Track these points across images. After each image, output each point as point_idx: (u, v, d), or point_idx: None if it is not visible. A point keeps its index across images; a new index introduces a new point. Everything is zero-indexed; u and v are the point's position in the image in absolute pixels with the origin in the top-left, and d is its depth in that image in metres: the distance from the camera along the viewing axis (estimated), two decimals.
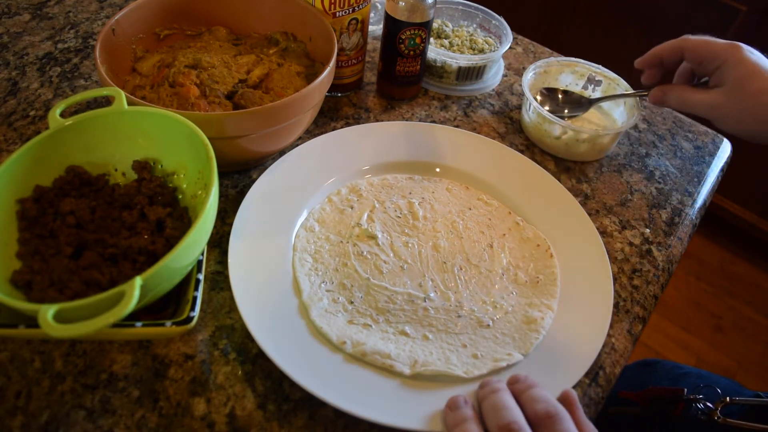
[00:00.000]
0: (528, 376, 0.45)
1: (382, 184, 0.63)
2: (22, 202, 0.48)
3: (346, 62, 0.71)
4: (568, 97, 0.74)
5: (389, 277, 0.54)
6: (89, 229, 0.48)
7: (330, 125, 0.71)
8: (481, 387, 0.45)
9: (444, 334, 0.51)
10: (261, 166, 0.64)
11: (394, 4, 0.67)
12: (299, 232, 0.57)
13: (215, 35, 0.69)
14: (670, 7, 1.49)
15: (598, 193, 0.68)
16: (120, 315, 0.36)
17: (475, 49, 0.78)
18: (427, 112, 0.75)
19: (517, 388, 0.43)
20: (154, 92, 0.59)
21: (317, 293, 0.52)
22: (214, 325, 0.51)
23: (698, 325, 1.64)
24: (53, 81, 0.73)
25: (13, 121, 0.67)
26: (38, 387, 0.46)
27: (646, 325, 0.57)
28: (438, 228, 0.59)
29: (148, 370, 0.48)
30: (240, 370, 0.48)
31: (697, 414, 0.60)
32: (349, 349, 0.48)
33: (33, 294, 0.43)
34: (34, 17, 0.83)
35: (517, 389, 0.43)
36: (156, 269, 0.38)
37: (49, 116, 0.50)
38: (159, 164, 0.53)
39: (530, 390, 0.43)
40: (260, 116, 0.53)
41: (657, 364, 0.76)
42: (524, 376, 0.45)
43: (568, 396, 0.43)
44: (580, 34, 1.68)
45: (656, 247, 0.63)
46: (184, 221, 0.50)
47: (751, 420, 0.59)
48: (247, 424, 0.46)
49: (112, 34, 0.61)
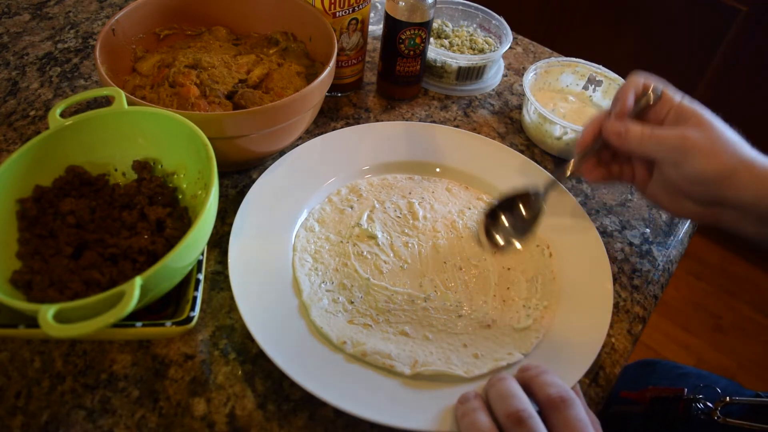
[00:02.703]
0: (539, 365, 0.45)
1: (382, 184, 0.63)
2: (22, 202, 0.48)
3: (346, 62, 0.71)
4: (513, 219, 0.56)
5: (389, 277, 0.54)
6: (89, 229, 0.48)
7: (330, 125, 0.71)
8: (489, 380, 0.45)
9: (444, 334, 0.51)
10: (261, 166, 0.64)
11: (394, 4, 0.67)
12: (299, 232, 0.57)
13: (215, 35, 0.69)
14: (670, 7, 1.49)
15: (598, 193, 0.68)
16: (120, 315, 0.36)
17: (475, 49, 0.78)
18: (427, 112, 0.75)
19: (528, 375, 0.44)
20: (154, 92, 0.59)
21: (317, 293, 0.52)
22: (214, 325, 0.51)
23: (698, 325, 1.64)
24: (53, 81, 0.73)
25: (13, 121, 0.67)
26: (38, 387, 0.46)
27: (646, 325, 0.57)
28: (438, 228, 0.59)
29: (148, 370, 0.48)
30: (240, 370, 0.48)
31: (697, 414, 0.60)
32: (350, 349, 0.48)
33: (33, 294, 0.43)
34: (34, 17, 0.83)
35: (529, 375, 0.43)
36: (156, 269, 0.38)
37: (49, 116, 0.50)
38: (159, 164, 0.53)
39: (543, 375, 0.43)
40: (260, 116, 0.53)
41: (657, 364, 0.76)
42: (535, 364, 0.45)
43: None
44: (580, 34, 1.68)
45: (656, 247, 0.63)
46: (184, 221, 0.50)
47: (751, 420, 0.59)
48: (247, 424, 0.46)
49: (112, 34, 0.61)
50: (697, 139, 0.48)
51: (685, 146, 0.48)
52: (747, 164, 0.47)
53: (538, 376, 0.43)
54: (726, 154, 0.47)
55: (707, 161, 0.47)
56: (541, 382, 0.42)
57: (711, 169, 0.47)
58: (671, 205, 0.54)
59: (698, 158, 0.48)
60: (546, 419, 0.40)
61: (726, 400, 0.59)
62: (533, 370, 0.44)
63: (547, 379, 0.42)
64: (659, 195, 0.54)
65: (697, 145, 0.48)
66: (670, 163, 0.50)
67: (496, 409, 0.41)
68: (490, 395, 0.43)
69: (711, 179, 0.48)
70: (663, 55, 1.57)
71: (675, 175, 0.50)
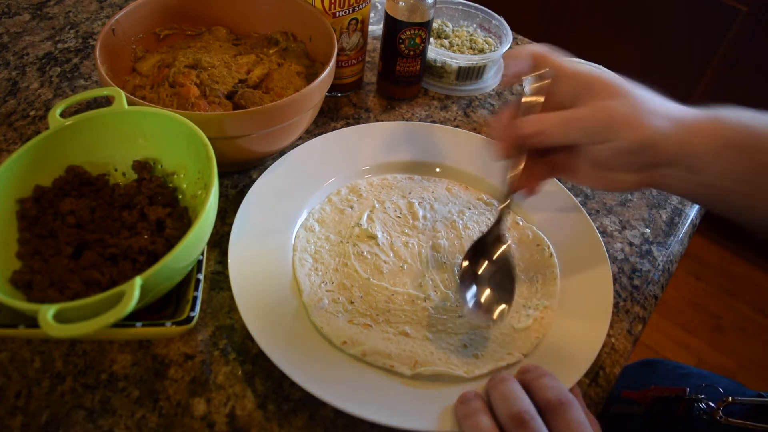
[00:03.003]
0: (538, 366, 0.45)
1: (381, 184, 0.63)
2: (22, 202, 0.48)
3: (346, 62, 0.71)
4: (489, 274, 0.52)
5: (389, 277, 0.54)
6: (89, 229, 0.48)
7: (330, 125, 0.71)
8: (490, 380, 0.45)
9: (444, 334, 0.51)
10: (261, 166, 0.64)
11: (394, 4, 0.67)
12: (299, 232, 0.57)
13: (215, 35, 0.69)
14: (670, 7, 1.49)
15: (598, 193, 0.68)
16: (120, 315, 0.36)
17: (475, 49, 0.78)
18: (427, 112, 0.75)
19: (527, 377, 0.44)
20: (154, 92, 0.59)
21: (317, 293, 0.52)
22: (214, 325, 0.51)
23: (698, 325, 1.64)
24: (53, 81, 0.73)
25: (13, 121, 0.67)
26: (38, 387, 0.46)
27: (646, 325, 0.57)
28: (438, 228, 0.59)
29: (148, 370, 0.48)
30: (240, 370, 0.48)
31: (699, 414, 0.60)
32: (349, 350, 0.48)
33: (33, 294, 0.43)
34: (34, 17, 0.83)
35: (528, 378, 0.43)
36: (156, 269, 0.38)
37: (49, 116, 0.50)
38: (159, 164, 0.53)
39: (542, 378, 0.43)
40: (260, 116, 0.53)
41: (658, 363, 0.76)
42: (534, 366, 0.45)
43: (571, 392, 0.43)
44: (580, 34, 1.68)
45: (656, 247, 0.63)
46: (184, 221, 0.50)
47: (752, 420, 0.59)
48: (247, 424, 0.46)
49: (112, 34, 0.61)
50: (619, 110, 0.45)
51: (610, 123, 0.45)
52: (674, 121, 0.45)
53: (537, 378, 0.43)
54: (653, 117, 0.45)
55: (636, 131, 0.44)
56: (540, 385, 0.42)
57: (641, 136, 0.44)
58: (605, 182, 0.50)
59: (626, 130, 0.45)
60: (546, 422, 0.40)
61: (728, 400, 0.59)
62: (533, 373, 0.44)
63: (546, 382, 0.42)
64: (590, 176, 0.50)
65: (621, 117, 0.45)
66: (597, 142, 0.46)
67: (498, 410, 0.41)
68: (492, 397, 0.43)
69: (642, 148, 0.45)
70: (663, 55, 1.57)
71: (603, 152, 0.47)
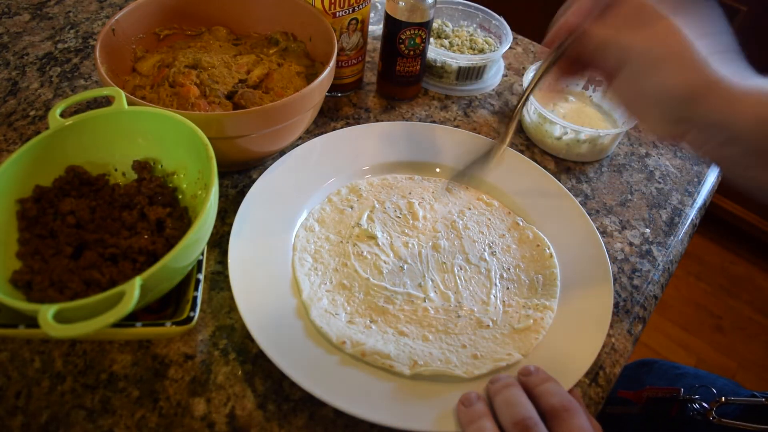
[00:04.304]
0: (539, 368, 0.45)
1: (381, 184, 0.63)
2: (22, 202, 0.48)
3: (346, 62, 0.71)
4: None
5: (389, 277, 0.54)
6: (89, 229, 0.48)
7: (330, 125, 0.71)
8: (492, 382, 0.45)
9: (444, 334, 0.51)
10: (261, 166, 0.64)
11: (394, 4, 0.67)
12: (299, 232, 0.57)
13: (215, 35, 0.69)
14: None
15: (598, 193, 0.68)
16: (120, 315, 0.36)
17: (475, 49, 0.78)
18: (427, 112, 0.75)
19: (530, 381, 0.44)
20: (154, 92, 0.59)
21: (317, 293, 0.52)
22: (214, 325, 0.51)
23: (698, 325, 1.64)
24: (53, 81, 0.73)
25: (13, 121, 0.67)
26: (38, 387, 0.46)
27: (646, 325, 0.57)
28: (438, 228, 0.59)
29: (148, 370, 0.48)
30: (240, 370, 0.48)
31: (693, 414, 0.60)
32: (349, 350, 0.48)
33: (33, 294, 0.43)
34: (34, 17, 0.83)
35: (531, 382, 0.43)
36: (156, 269, 0.39)
37: (49, 116, 0.50)
38: (159, 164, 0.53)
39: (545, 383, 0.43)
40: (260, 116, 0.53)
41: (655, 363, 0.76)
42: (535, 368, 0.45)
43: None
44: None
45: (656, 247, 0.63)
46: (184, 221, 0.50)
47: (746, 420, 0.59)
48: (247, 424, 0.46)
49: (112, 34, 0.61)
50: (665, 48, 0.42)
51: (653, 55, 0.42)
52: (718, 83, 0.41)
53: (540, 384, 0.43)
54: (697, 69, 0.42)
55: (676, 76, 0.42)
56: (544, 391, 0.42)
57: (681, 84, 0.42)
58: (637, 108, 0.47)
59: (667, 71, 0.42)
60: (550, 428, 0.40)
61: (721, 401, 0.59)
62: (534, 377, 0.44)
63: (549, 388, 0.42)
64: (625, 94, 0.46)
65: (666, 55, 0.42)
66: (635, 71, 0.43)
67: (502, 416, 0.41)
68: (495, 402, 0.43)
69: (679, 95, 0.42)
70: None
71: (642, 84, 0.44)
